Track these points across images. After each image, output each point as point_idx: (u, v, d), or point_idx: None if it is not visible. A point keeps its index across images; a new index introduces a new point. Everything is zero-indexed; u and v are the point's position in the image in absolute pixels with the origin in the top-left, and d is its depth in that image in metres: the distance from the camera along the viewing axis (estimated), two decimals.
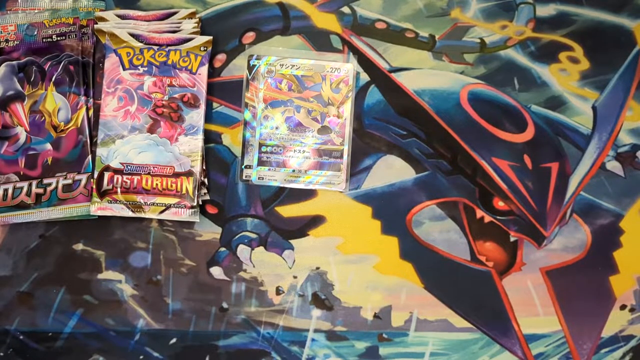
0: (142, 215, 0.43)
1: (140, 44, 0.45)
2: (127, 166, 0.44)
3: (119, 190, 0.43)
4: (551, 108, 0.47)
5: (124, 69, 0.45)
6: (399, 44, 0.47)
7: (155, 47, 0.45)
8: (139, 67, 0.45)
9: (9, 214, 0.44)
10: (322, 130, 0.46)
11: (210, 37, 0.45)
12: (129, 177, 0.43)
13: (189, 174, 0.44)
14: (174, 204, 0.43)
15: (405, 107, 0.46)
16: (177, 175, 0.44)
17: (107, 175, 0.43)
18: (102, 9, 0.46)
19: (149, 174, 0.44)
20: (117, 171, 0.43)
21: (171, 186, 0.43)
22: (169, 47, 0.45)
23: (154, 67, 0.45)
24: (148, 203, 0.43)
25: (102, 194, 0.43)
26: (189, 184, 0.44)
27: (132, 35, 0.45)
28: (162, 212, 0.43)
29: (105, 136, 0.44)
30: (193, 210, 0.43)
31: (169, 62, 0.45)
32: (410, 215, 0.46)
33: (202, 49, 0.45)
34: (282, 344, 0.45)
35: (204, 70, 0.45)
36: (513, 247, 0.46)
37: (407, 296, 0.45)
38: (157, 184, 0.43)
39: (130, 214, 0.43)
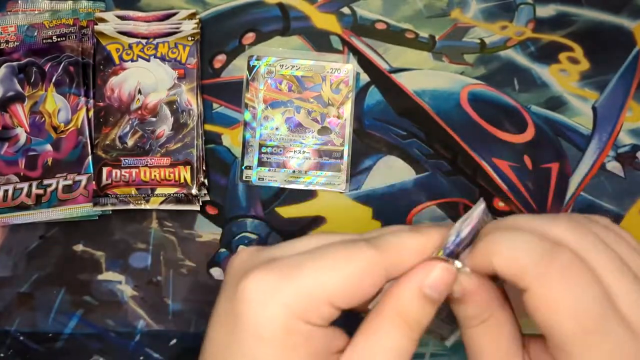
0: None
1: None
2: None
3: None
4: (551, 108, 0.47)
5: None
6: (399, 45, 0.47)
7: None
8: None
9: (9, 214, 0.44)
10: (322, 131, 0.46)
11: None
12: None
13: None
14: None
15: (405, 107, 0.46)
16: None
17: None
18: (102, 10, 0.46)
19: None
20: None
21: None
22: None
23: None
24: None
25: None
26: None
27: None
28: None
29: None
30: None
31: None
32: (410, 216, 0.46)
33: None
34: None
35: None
36: None
37: None
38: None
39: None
